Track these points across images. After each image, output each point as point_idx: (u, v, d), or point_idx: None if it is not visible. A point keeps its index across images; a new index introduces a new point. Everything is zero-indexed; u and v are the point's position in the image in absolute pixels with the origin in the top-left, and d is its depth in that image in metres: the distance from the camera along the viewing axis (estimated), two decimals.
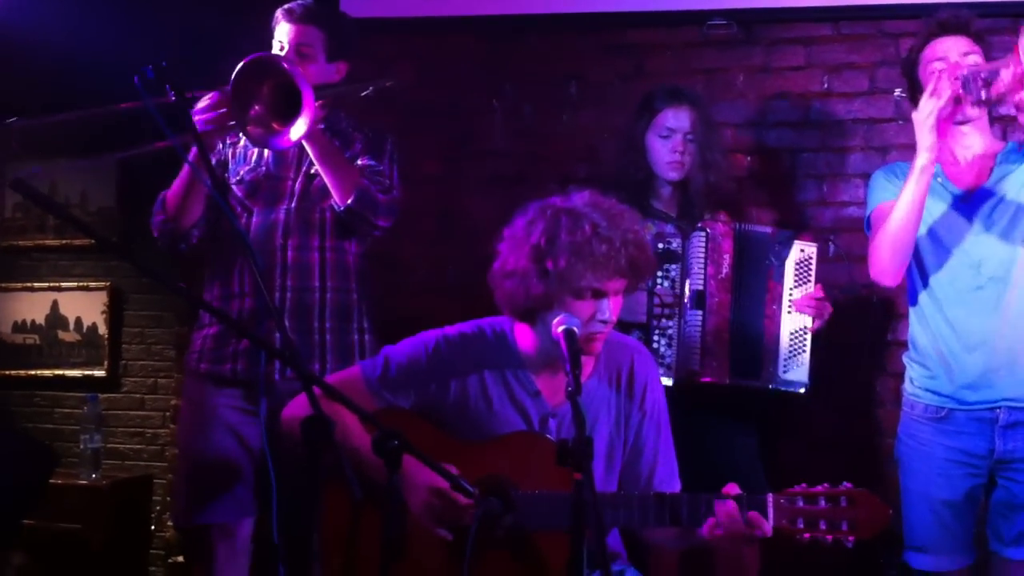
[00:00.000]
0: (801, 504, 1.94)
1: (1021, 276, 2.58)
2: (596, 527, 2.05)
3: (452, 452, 2.11)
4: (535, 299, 2.13)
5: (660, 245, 2.86)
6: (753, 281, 2.88)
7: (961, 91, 2.49)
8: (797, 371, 2.85)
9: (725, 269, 2.86)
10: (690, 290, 2.85)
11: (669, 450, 2.31)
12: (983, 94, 2.48)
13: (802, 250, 2.89)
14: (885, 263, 2.64)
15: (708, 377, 2.82)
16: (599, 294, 2.12)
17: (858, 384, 2.92)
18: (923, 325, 2.68)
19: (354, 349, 2.76)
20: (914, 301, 2.70)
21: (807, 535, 1.94)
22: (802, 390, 2.85)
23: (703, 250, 2.86)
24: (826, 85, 3.60)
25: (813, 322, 2.86)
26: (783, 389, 2.85)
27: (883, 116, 3.49)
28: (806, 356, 2.85)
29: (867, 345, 2.98)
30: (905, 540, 2.66)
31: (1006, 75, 2.42)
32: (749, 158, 3.56)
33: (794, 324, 2.86)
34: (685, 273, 2.86)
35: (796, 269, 2.88)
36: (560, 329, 2.06)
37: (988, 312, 2.58)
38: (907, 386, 2.72)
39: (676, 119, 3.02)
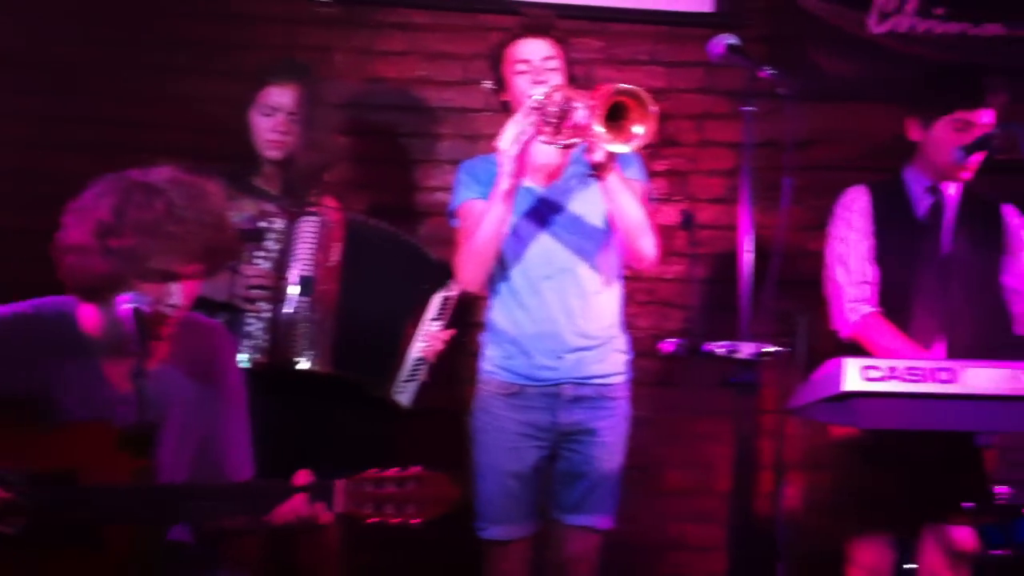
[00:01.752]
0: (368, 489, 1.97)
1: (586, 266, 2.80)
2: (160, 517, 1.97)
3: (6, 444, 1.93)
4: (97, 278, 1.98)
5: (261, 224, 2.78)
6: (387, 288, 2.89)
7: (541, 124, 2.58)
8: (405, 395, 2.92)
9: (334, 257, 2.83)
10: (297, 275, 2.78)
11: (244, 436, 2.24)
12: (559, 126, 2.57)
13: (450, 290, 2.95)
14: (472, 274, 2.77)
15: (307, 364, 2.77)
16: (170, 277, 2.01)
17: (440, 364, 3.04)
18: (501, 310, 2.84)
19: None
20: (494, 287, 2.85)
21: (373, 519, 1.97)
22: (402, 408, 2.93)
23: (314, 236, 2.81)
24: (423, 72, 3.69)
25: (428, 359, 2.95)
26: (388, 400, 2.90)
27: (474, 106, 3.62)
28: (417, 384, 2.93)
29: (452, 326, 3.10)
30: (478, 511, 2.80)
31: (582, 115, 2.51)
32: (347, 139, 3.58)
33: (419, 353, 2.92)
34: (288, 255, 2.79)
35: (441, 305, 2.96)
36: (126, 307, 1.92)
37: (558, 299, 2.78)
38: (484, 364, 2.87)
39: (279, 96, 2.95)
